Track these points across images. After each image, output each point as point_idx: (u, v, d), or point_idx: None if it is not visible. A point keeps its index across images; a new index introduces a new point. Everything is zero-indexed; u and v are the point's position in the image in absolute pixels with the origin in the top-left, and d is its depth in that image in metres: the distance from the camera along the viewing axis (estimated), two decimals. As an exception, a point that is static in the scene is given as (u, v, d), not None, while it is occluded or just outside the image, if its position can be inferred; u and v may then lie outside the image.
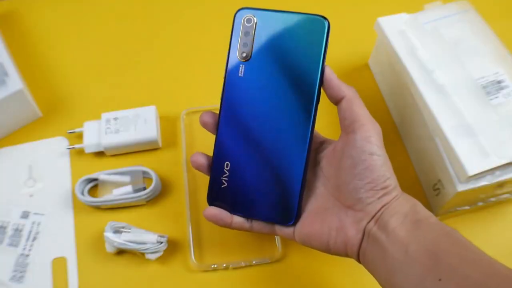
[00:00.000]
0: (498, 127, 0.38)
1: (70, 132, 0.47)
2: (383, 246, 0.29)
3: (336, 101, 0.33)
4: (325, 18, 0.33)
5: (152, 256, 0.40)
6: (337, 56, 0.55)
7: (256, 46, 0.33)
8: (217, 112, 0.35)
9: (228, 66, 0.33)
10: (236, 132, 0.33)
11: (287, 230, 0.34)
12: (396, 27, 0.46)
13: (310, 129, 0.33)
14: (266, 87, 0.33)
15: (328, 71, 0.33)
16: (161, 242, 0.40)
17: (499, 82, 0.41)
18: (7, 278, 0.40)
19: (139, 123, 0.46)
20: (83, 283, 0.40)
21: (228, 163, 0.34)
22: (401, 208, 0.31)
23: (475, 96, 0.40)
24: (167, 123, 0.49)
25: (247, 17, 0.32)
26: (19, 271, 0.41)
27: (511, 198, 0.43)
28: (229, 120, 0.33)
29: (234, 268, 0.41)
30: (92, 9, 0.59)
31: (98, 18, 0.58)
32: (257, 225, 0.35)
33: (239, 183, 0.34)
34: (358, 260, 0.32)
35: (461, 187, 0.38)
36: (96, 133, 0.46)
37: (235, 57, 0.33)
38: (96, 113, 0.47)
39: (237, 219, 0.35)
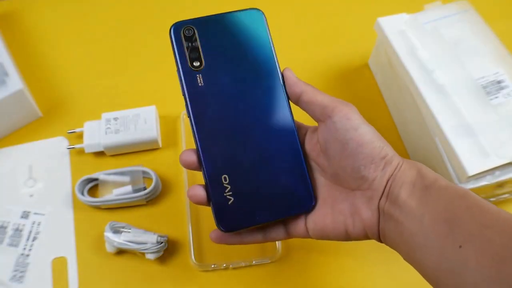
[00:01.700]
0: (498, 127, 0.38)
1: (70, 132, 0.47)
2: (399, 221, 0.28)
3: (296, 97, 0.32)
4: (258, 10, 0.33)
5: (152, 256, 0.40)
6: (337, 56, 0.55)
7: (205, 52, 0.32)
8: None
9: (184, 80, 0.31)
10: (219, 142, 0.31)
11: (301, 230, 0.32)
12: (396, 27, 0.46)
13: (290, 113, 0.32)
14: (231, 88, 0.32)
15: (286, 72, 0.33)
16: (161, 242, 0.40)
17: (499, 82, 0.41)
18: (7, 278, 0.40)
19: (139, 123, 0.46)
20: (83, 283, 0.40)
21: (226, 175, 0.31)
22: (406, 176, 0.29)
23: (475, 96, 0.40)
24: (167, 123, 0.49)
25: (186, 28, 0.32)
26: (19, 271, 0.41)
27: (511, 198, 0.43)
28: (207, 133, 0.31)
29: (234, 268, 0.41)
30: (92, 9, 0.59)
31: (98, 18, 0.58)
32: (272, 233, 0.33)
33: (246, 190, 0.31)
34: (380, 241, 0.31)
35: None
36: (96, 133, 0.46)
37: (188, 69, 0.31)
38: (96, 113, 0.47)
39: (248, 237, 0.33)
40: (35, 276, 0.41)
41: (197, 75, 0.31)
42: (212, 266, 0.41)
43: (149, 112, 0.47)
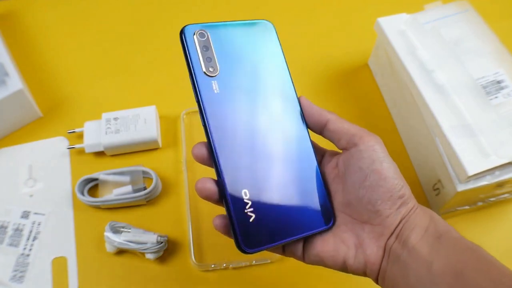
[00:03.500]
0: (498, 127, 0.38)
1: (70, 132, 0.47)
2: (405, 264, 0.28)
3: (321, 126, 0.32)
4: (269, 22, 0.33)
5: (152, 256, 0.40)
6: (337, 56, 0.55)
7: (219, 58, 0.30)
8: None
9: (199, 86, 0.30)
10: (239, 154, 0.30)
11: (297, 251, 0.31)
12: (396, 27, 0.46)
13: (307, 133, 0.32)
14: (249, 98, 0.31)
15: (304, 100, 0.32)
16: (161, 242, 0.40)
17: (499, 82, 0.41)
18: (8, 278, 0.40)
19: (139, 123, 0.46)
20: (83, 283, 0.40)
21: (246, 190, 0.29)
22: (420, 221, 0.29)
23: (475, 96, 0.40)
24: (167, 123, 0.49)
25: (199, 32, 0.30)
26: (20, 271, 0.41)
27: (511, 198, 0.43)
28: (226, 144, 0.29)
29: (234, 268, 0.41)
30: (92, 9, 0.59)
31: (98, 18, 0.58)
32: (289, 252, 0.31)
33: (267, 207, 0.30)
34: (376, 281, 0.30)
35: (461, 187, 0.38)
36: (96, 133, 0.46)
37: (202, 74, 0.30)
38: (97, 113, 0.47)
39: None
40: (35, 276, 0.41)
41: (212, 82, 0.30)
42: (212, 266, 0.41)
43: (149, 112, 0.47)
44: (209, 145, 0.29)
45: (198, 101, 0.30)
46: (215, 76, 0.30)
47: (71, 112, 0.50)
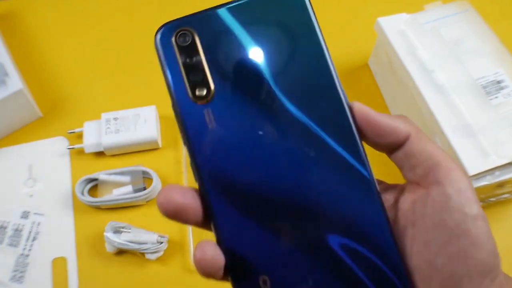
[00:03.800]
0: (498, 127, 0.38)
1: (70, 132, 0.47)
2: None
3: (393, 144, 0.21)
4: None
5: (152, 256, 0.40)
6: (337, 56, 0.54)
7: (213, 71, 0.20)
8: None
9: (183, 119, 0.20)
10: (253, 224, 0.19)
11: None
12: (396, 27, 0.46)
13: (368, 168, 0.20)
14: (265, 129, 0.20)
15: (359, 106, 0.21)
16: (161, 242, 0.40)
17: (499, 82, 0.41)
18: (7, 278, 0.40)
19: (139, 123, 0.46)
20: (83, 283, 0.40)
21: (266, 278, 0.19)
22: None
23: (475, 96, 0.40)
24: (167, 123, 0.49)
25: (180, 33, 0.20)
26: (19, 271, 0.41)
27: (511, 198, 0.43)
28: (231, 210, 0.19)
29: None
30: (92, 9, 0.59)
31: (98, 18, 0.58)
32: None
33: None
34: None
35: (461, 187, 0.38)
36: (96, 133, 0.46)
37: (187, 100, 0.20)
38: (96, 113, 0.47)
39: None
40: (35, 276, 0.40)
41: (204, 110, 0.20)
42: (212, 266, 0.40)
43: (149, 112, 0.47)
44: (208, 211, 0.20)
45: (185, 144, 0.20)
46: (208, 101, 0.20)
47: (71, 112, 0.50)
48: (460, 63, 0.42)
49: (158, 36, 0.20)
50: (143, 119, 0.46)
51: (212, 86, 0.20)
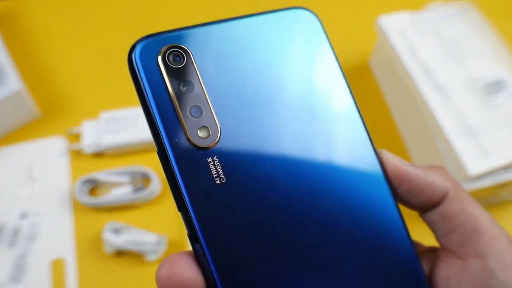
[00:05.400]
0: (498, 127, 0.38)
1: (69, 133, 0.47)
2: None
3: (429, 203, 0.18)
4: (307, 10, 0.18)
5: (152, 257, 0.40)
6: (337, 56, 0.54)
7: (218, 104, 0.15)
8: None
9: (179, 171, 0.15)
10: None
11: None
12: (396, 27, 0.46)
13: (405, 230, 0.17)
14: (284, 184, 0.15)
15: (388, 157, 0.18)
16: (161, 243, 0.40)
17: (499, 82, 0.41)
18: (6, 279, 0.40)
19: (139, 123, 0.46)
20: (82, 285, 0.40)
21: None
22: None
23: (476, 96, 0.40)
24: (167, 123, 0.49)
25: (170, 51, 0.16)
26: (18, 272, 0.40)
27: (511, 198, 0.43)
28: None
29: (234, 269, 0.41)
30: (92, 9, 0.59)
31: (97, 18, 0.58)
32: None
33: None
34: None
35: (462, 187, 0.37)
36: (96, 133, 0.46)
37: (184, 144, 0.15)
38: (96, 113, 0.47)
39: None
40: (33, 277, 0.40)
41: (208, 160, 0.15)
42: (212, 266, 0.40)
43: (149, 112, 0.47)
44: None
45: (180, 208, 0.15)
46: (213, 145, 0.15)
47: (70, 112, 0.50)
48: (461, 63, 0.42)
49: (136, 53, 0.16)
50: (143, 119, 0.46)
51: (218, 124, 0.15)
